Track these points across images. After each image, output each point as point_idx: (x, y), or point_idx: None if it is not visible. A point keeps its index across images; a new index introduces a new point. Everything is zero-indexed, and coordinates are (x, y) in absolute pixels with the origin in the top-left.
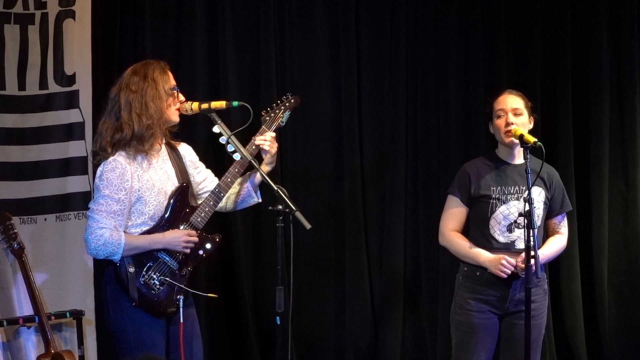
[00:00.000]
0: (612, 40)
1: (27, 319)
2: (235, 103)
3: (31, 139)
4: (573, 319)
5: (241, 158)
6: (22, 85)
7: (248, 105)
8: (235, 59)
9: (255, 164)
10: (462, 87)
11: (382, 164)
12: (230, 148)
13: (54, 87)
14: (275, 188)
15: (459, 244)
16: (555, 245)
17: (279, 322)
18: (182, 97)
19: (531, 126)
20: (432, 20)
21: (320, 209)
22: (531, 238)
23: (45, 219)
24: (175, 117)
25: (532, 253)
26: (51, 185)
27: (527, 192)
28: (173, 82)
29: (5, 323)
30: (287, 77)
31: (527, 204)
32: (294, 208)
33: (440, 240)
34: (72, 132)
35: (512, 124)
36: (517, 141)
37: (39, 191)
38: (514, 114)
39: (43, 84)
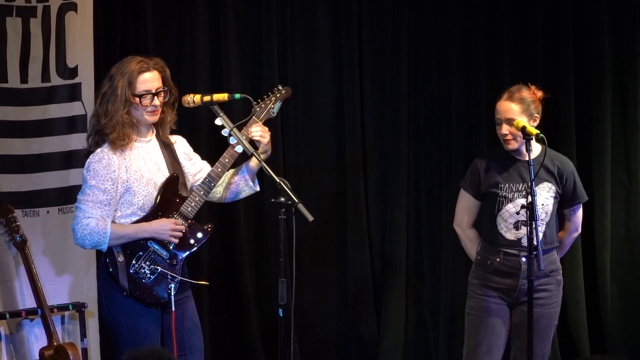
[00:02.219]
0: (614, 32)
1: (30, 312)
2: (237, 95)
3: (33, 132)
4: (575, 310)
5: (243, 150)
6: (24, 78)
7: (250, 98)
8: (237, 52)
9: (257, 156)
10: (464, 79)
11: (384, 156)
12: (232, 140)
13: (56, 80)
14: (278, 180)
15: (472, 251)
16: (568, 243)
17: (281, 314)
18: (156, 102)
19: (535, 124)
20: (434, 14)
21: (323, 201)
22: (534, 230)
23: (48, 212)
24: (145, 119)
25: (535, 247)
26: (53, 178)
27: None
28: (150, 85)
29: (7, 316)
30: (289, 70)
31: (529, 196)
32: (296, 200)
33: (457, 230)
34: (74, 124)
35: (506, 134)
36: (516, 146)
37: (41, 184)
38: (508, 124)
39: (45, 76)
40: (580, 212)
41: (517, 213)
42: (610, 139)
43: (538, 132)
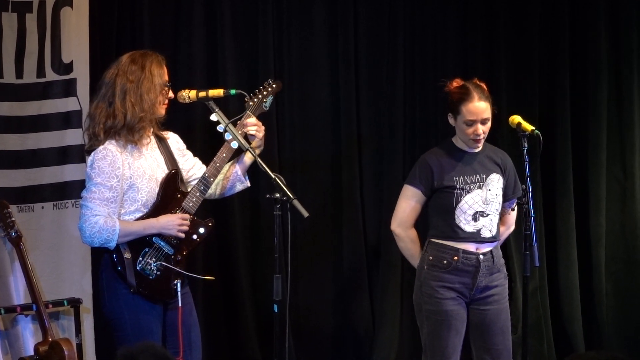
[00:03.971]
0: (611, 27)
1: (25, 307)
2: (232, 91)
3: (29, 127)
4: (570, 307)
5: (239, 146)
6: (19, 74)
7: (246, 94)
8: (234, 48)
9: (252, 153)
10: (461, 74)
11: (380, 152)
12: (228, 136)
13: (51, 76)
14: (273, 176)
15: (414, 251)
16: (505, 237)
17: (276, 310)
18: (171, 94)
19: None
20: (431, 10)
21: (318, 197)
22: (531, 227)
23: (43, 207)
24: (162, 112)
25: (494, 242)
26: (49, 174)
27: (486, 179)
28: (166, 77)
29: (2, 311)
30: (285, 65)
31: (524, 192)
32: (291, 196)
33: (398, 230)
34: (69, 120)
35: (481, 134)
36: (481, 145)
37: (36, 179)
38: (483, 123)
39: (41, 72)
40: (515, 207)
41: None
42: (606, 136)
43: (533, 128)
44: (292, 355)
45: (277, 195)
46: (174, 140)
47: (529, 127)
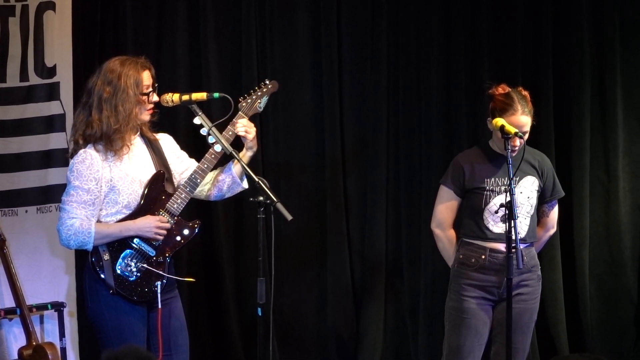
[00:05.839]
0: (593, 31)
1: (9, 311)
2: (216, 94)
3: (12, 131)
4: (554, 309)
5: (222, 149)
6: (2, 77)
7: (229, 97)
8: (217, 51)
9: (236, 155)
10: (444, 76)
11: (364, 154)
12: (211, 139)
13: (34, 79)
14: (256, 179)
15: (452, 252)
16: (545, 240)
17: (260, 314)
18: (155, 98)
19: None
20: (414, 10)
21: (302, 200)
22: (513, 229)
23: (27, 211)
24: (145, 117)
25: (524, 243)
26: (32, 177)
27: (519, 182)
28: (148, 82)
29: None
30: (269, 68)
31: (507, 194)
32: (275, 199)
33: (437, 231)
34: (52, 124)
35: (518, 146)
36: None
37: (20, 183)
38: (521, 136)
39: (24, 76)
40: (556, 208)
41: (496, 212)
42: (589, 138)
43: (516, 130)
44: (276, 359)
45: (261, 198)
46: (167, 142)
47: (512, 129)
